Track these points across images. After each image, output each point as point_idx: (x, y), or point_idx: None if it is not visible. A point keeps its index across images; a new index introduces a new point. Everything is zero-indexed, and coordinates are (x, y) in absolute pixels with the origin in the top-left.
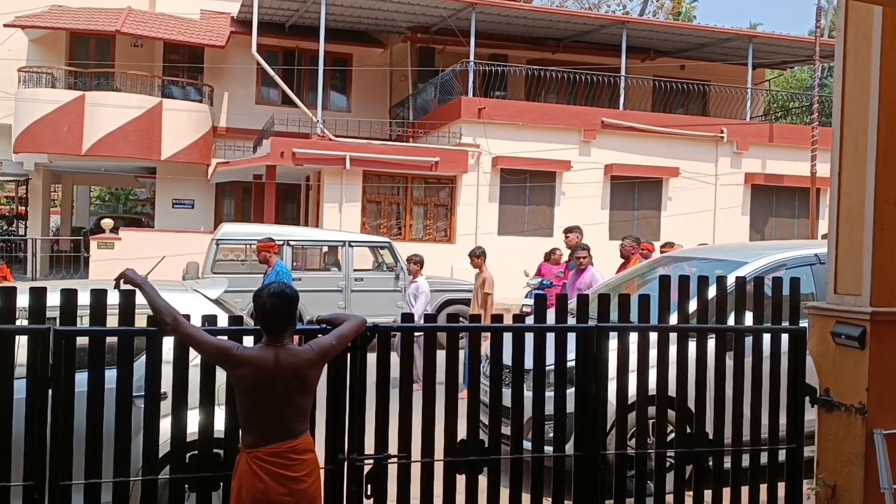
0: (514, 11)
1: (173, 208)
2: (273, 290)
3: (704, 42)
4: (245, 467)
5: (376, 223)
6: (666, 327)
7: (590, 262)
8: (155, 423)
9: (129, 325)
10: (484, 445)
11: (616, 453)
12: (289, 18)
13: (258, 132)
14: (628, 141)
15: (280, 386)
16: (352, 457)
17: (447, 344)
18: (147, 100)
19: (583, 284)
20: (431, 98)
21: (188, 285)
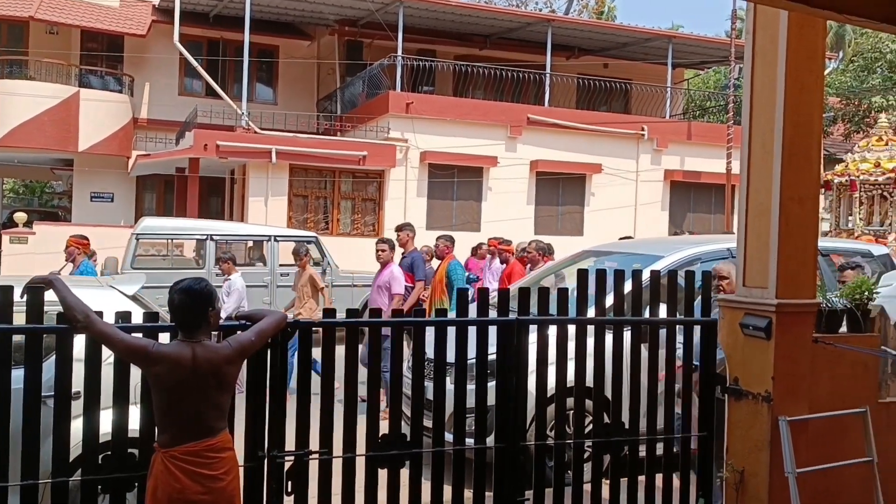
0: (442, 7)
1: (91, 202)
2: (183, 286)
3: (627, 41)
4: (161, 467)
5: (303, 217)
6: (584, 320)
7: (390, 257)
8: (66, 425)
9: (38, 323)
10: (406, 439)
11: (536, 444)
12: (213, 8)
13: (181, 124)
14: (553, 137)
15: (197, 383)
16: (272, 454)
17: (369, 339)
18: (63, 89)
19: (381, 281)
20: (359, 92)
21: (104, 281)
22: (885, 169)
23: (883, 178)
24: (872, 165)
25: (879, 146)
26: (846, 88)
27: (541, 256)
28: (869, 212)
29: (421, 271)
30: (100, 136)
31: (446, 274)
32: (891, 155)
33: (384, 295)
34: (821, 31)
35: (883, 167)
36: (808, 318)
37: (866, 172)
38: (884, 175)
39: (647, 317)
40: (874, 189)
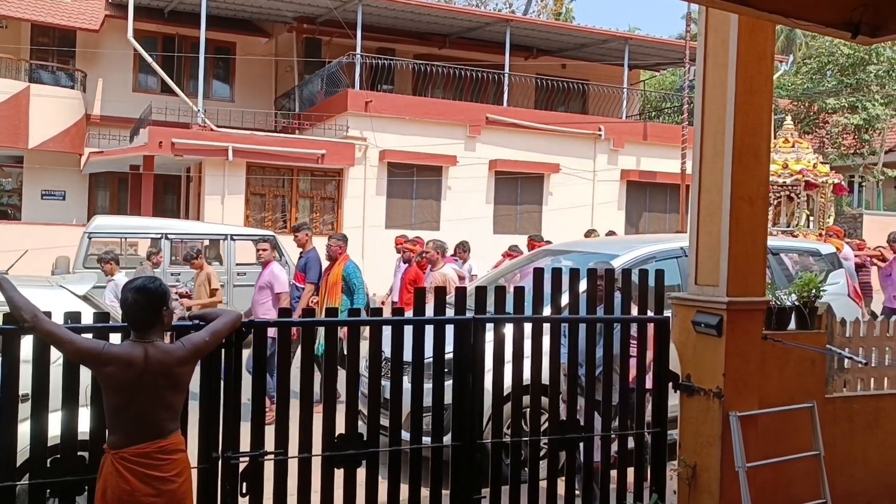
0: (401, 6)
1: (42, 199)
2: (136, 285)
3: (584, 42)
4: (110, 468)
5: (261, 216)
6: (540, 318)
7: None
8: (12, 428)
9: None
10: (363, 438)
11: (493, 442)
12: (168, 3)
13: (135, 121)
14: (512, 137)
15: (149, 384)
16: (226, 455)
17: (325, 338)
18: (12, 84)
19: (262, 281)
20: (318, 90)
21: (54, 281)
22: (793, 170)
23: (790, 179)
24: (780, 167)
25: (786, 148)
26: (799, 90)
27: (440, 255)
28: (776, 212)
29: (314, 272)
30: (51, 132)
31: (343, 276)
32: (797, 157)
33: (265, 294)
34: (770, 34)
35: (791, 168)
36: (757, 316)
37: (774, 174)
38: (791, 176)
39: (601, 315)
40: (782, 190)
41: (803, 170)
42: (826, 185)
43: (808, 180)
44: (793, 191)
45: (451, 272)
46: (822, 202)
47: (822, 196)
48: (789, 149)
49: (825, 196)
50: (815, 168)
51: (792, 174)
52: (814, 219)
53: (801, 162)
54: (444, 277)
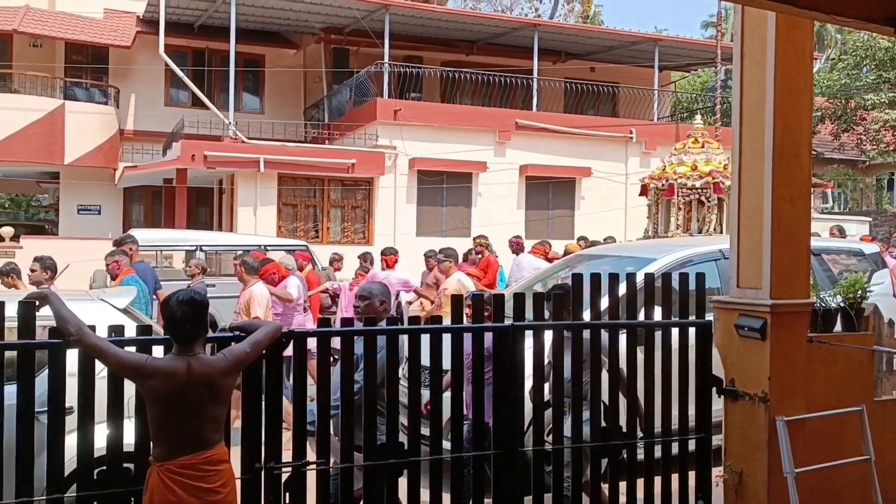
0: (428, 13)
1: (79, 214)
2: (182, 297)
3: (613, 45)
4: (157, 480)
5: (293, 226)
6: (580, 324)
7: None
8: (60, 440)
9: (30, 338)
10: (403, 448)
11: (534, 449)
12: (198, 18)
13: (168, 135)
14: (542, 142)
15: (193, 396)
16: (269, 465)
17: (365, 348)
18: (48, 102)
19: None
20: (347, 100)
21: (95, 294)
22: (703, 172)
23: (700, 182)
24: (690, 169)
25: (696, 148)
26: (836, 87)
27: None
28: (687, 217)
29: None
30: (86, 148)
31: None
32: (707, 158)
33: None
34: (808, 32)
35: (700, 171)
36: (802, 318)
37: (683, 176)
38: (701, 179)
39: (642, 319)
40: (692, 193)
41: (713, 171)
42: None
43: (716, 182)
44: (703, 194)
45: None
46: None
47: None
48: (699, 149)
49: None
50: (725, 169)
51: (702, 176)
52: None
53: (711, 163)
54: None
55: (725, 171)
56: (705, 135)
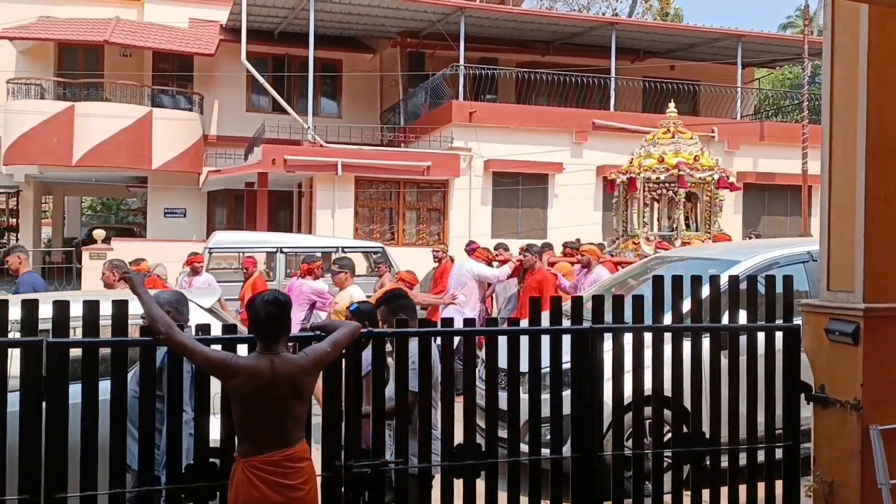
0: (504, 15)
1: (165, 217)
2: (267, 297)
3: (693, 42)
4: (241, 476)
5: (369, 228)
6: (661, 327)
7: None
8: (150, 434)
9: (122, 336)
10: (481, 449)
11: (613, 454)
12: (278, 25)
13: (249, 140)
14: (619, 142)
15: (276, 394)
16: (349, 463)
17: (442, 348)
18: (137, 109)
19: None
20: (422, 102)
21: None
22: (669, 165)
23: (665, 175)
24: (656, 161)
25: (666, 139)
26: None
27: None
28: (667, 214)
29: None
30: (172, 153)
31: None
32: (676, 149)
33: None
34: None
35: (667, 163)
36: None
37: (649, 169)
38: (667, 172)
39: (726, 323)
40: (660, 188)
41: (680, 163)
42: (708, 182)
43: (681, 176)
44: (671, 188)
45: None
46: (708, 201)
47: (707, 194)
48: (669, 140)
49: (711, 194)
50: (695, 161)
51: (667, 169)
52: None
53: (680, 154)
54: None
55: (696, 162)
56: (678, 124)
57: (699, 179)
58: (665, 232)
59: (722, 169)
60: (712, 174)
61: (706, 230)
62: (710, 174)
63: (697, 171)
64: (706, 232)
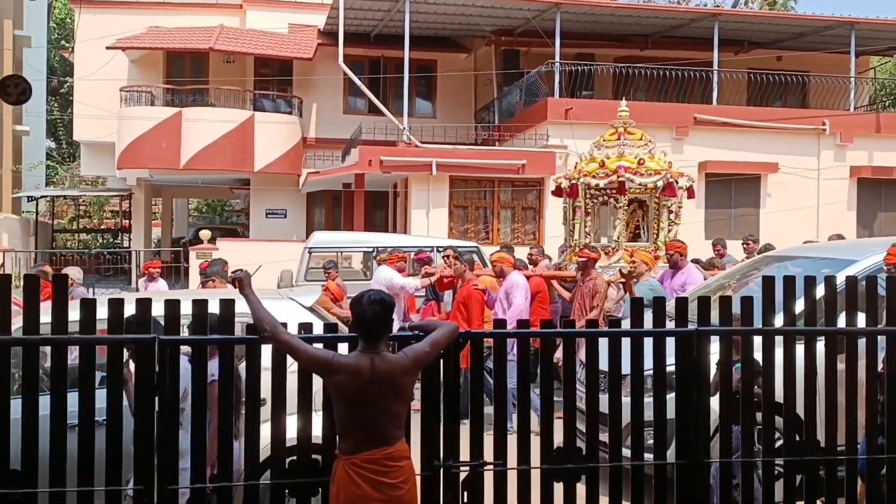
0: (600, 9)
1: (266, 218)
2: (373, 297)
3: (802, 31)
4: (342, 473)
5: (463, 228)
6: (771, 330)
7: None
8: (256, 428)
9: (229, 334)
10: (581, 453)
11: (721, 461)
12: (374, 28)
13: (346, 141)
14: (723, 137)
15: (376, 393)
16: (447, 463)
17: (541, 350)
18: (240, 113)
19: None
20: (517, 101)
21: (283, 293)
22: (609, 170)
23: (605, 181)
24: (598, 166)
25: (612, 141)
26: None
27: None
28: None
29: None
30: (273, 156)
31: None
32: (620, 152)
33: None
34: None
35: (608, 167)
36: None
37: (590, 174)
38: (607, 177)
39: (842, 326)
40: (599, 195)
41: (620, 168)
42: (652, 188)
43: (622, 181)
44: (612, 195)
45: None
46: (655, 208)
47: (655, 200)
48: (614, 142)
49: (658, 200)
50: (640, 165)
51: (608, 174)
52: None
53: (623, 158)
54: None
55: (640, 166)
56: (629, 123)
57: (640, 185)
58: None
59: (673, 173)
60: (657, 179)
61: (654, 240)
62: (654, 179)
63: (640, 176)
64: (654, 242)
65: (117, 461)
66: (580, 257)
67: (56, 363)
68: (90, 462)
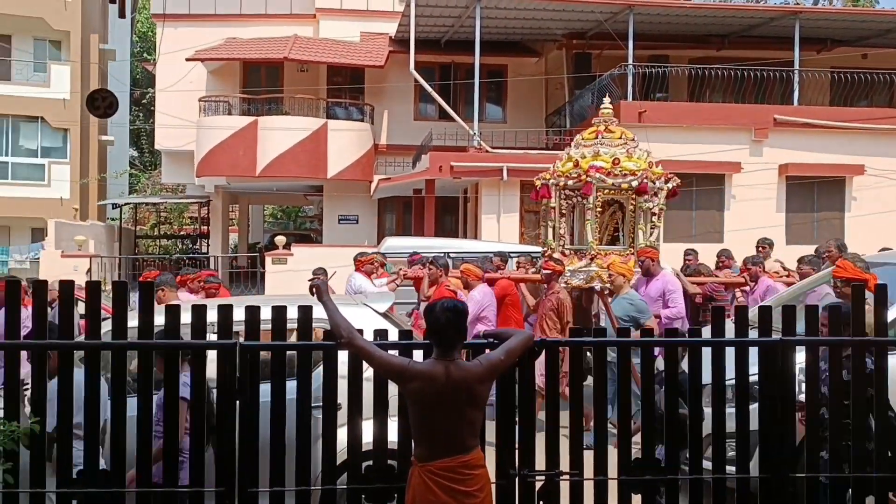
0: (675, 10)
1: (339, 224)
2: (447, 304)
3: (889, 27)
4: (418, 480)
5: (534, 233)
6: (864, 341)
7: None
8: (332, 433)
9: (307, 340)
10: (660, 464)
11: (807, 476)
12: (444, 34)
13: (417, 147)
14: (805, 138)
15: (451, 401)
16: (523, 472)
17: (618, 359)
18: (313, 121)
19: None
20: (588, 104)
21: (358, 299)
22: (582, 170)
23: (575, 181)
24: (572, 166)
25: (589, 140)
26: None
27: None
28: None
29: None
30: (345, 162)
31: None
32: (595, 151)
33: None
34: None
35: (581, 167)
36: None
37: (563, 174)
38: (577, 178)
39: None
40: (573, 196)
41: (592, 168)
42: (624, 188)
43: (588, 182)
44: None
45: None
46: (632, 210)
47: (631, 202)
48: (592, 141)
49: (635, 202)
50: (615, 165)
51: (580, 175)
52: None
53: (599, 157)
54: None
55: (614, 166)
56: (609, 121)
57: (612, 185)
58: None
59: (655, 173)
60: (630, 180)
61: (630, 243)
62: (629, 180)
63: (613, 177)
64: (630, 246)
65: (200, 463)
66: (544, 269)
67: (143, 367)
68: (174, 463)
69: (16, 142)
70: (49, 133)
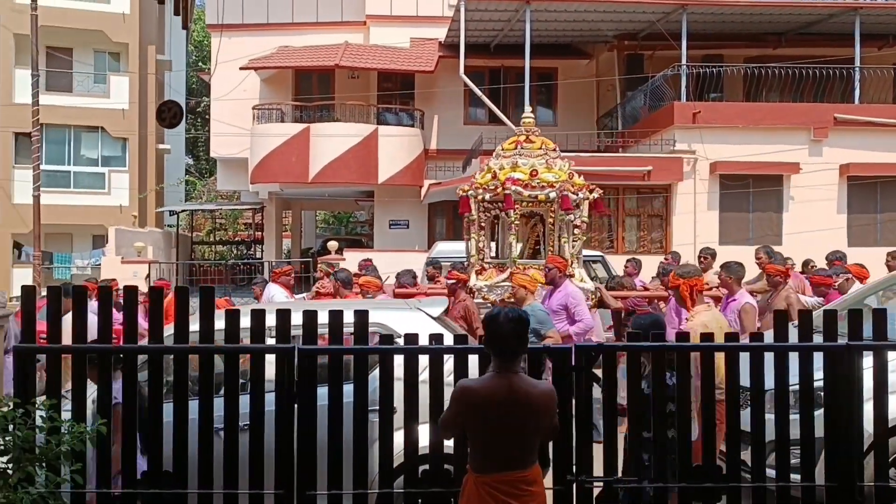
0: (729, 8)
1: (390, 229)
2: (511, 314)
3: None
4: (473, 490)
5: (587, 236)
6: None
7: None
8: (389, 437)
9: (364, 344)
10: (722, 472)
11: (875, 485)
12: (494, 38)
13: (467, 152)
14: (867, 137)
15: (512, 416)
16: (580, 478)
17: (676, 363)
18: (364, 128)
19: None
20: (641, 106)
21: (411, 304)
22: (500, 180)
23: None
24: (491, 178)
25: (509, 150)
26: None
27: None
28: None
29: None
30: (395, 168)
31: None
32: (513, 162)
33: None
34: None
35: (499, 178)
36: None
37: (482, 186)
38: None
39: None
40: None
41: (509, 179)
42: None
43: (507, 194)
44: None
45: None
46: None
47: (551, 215)
48: (511, 151)
49: (555, 215)
50: (532, 177)
51: (497, 187)
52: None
53: (518, 169)
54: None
55: (532, 178)
56: (531, 132)
57: (529, 197)
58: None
59: (575, 184)
60: (548, 192)
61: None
62: (547, 192)
63: (531, 189)
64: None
65: (259, 465)
66: (448, 279)
67: (203, 371)
68: (235, 465)
69: (77, 151)
70: (109, 142)
